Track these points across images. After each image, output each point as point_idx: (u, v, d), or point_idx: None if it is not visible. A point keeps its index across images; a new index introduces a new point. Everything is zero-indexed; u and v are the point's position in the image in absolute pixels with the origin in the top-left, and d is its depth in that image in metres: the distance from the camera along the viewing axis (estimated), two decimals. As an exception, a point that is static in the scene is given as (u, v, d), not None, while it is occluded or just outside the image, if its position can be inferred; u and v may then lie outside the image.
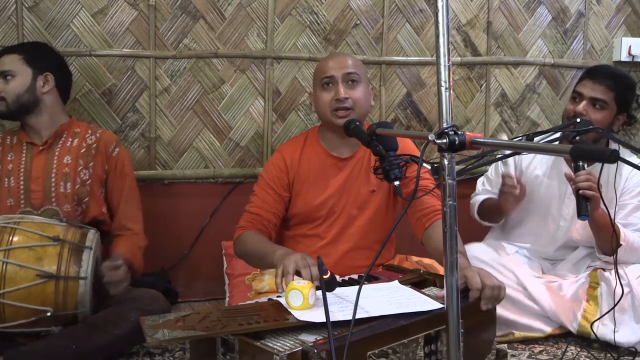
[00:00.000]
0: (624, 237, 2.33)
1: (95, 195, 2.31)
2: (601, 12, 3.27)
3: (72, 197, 2.25)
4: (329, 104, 2.10)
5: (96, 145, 2.34)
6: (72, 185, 2.26)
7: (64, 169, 2.27)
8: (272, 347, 1.36)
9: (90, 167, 2.31)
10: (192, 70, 2.78)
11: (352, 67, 2.12)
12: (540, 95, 3.23)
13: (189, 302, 2.86)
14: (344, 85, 2.09)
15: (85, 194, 2.28)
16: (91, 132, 2.37)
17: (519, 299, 2.34)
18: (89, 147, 2.33)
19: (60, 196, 2.25)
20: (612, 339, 2.22)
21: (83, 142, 2.33)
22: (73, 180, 2.27)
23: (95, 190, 2.31)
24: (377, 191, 2.20)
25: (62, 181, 2.26)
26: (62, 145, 2.31)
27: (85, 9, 2.63)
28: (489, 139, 2.35)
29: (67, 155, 2.29)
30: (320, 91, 2.14)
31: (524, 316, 2.35)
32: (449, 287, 1.20)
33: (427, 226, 2.04)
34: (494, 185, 2.64)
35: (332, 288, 1.60)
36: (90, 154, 2.32)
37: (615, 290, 2.23)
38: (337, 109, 2.09)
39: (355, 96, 2.10)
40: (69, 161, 2.28)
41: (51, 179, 2.26)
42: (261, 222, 2.13)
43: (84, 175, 2.29)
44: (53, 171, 2.26)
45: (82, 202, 2.27)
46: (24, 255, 1.95)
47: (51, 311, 1.93)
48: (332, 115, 2.10)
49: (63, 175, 2.26)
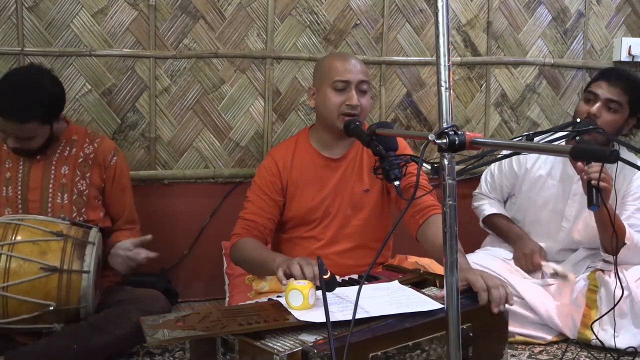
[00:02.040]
0: (629, 236, 2.32)
1: (93, 204, 2.29)
2: (601, 12, 3.27)
3: (69, 207, 2.23)
4: (339, 108, 2.10)
5: (94, 155, 2.30)
6: (69, 196, 2.24)
7: (62, 180, 2.25)
8: (272, 347, 1.36)
9: (88, 178, 2.28)
10: (192, 70, 2.78)
11: (365, 74, 2.14)
12: (540, 95, 3.23)
13: (189, 302, 2.86)
14: (356, 92, 2.09)
15: (82, 204, 2.26)
16: (89, 140, 2.32)
17: (517, 310, 2.31)
18: (87, 157, 2.29)
19: (57, 207, 2.22)
20: (612, 344, 2.21)
21: (81, 152, 2.29)
22: (70, 191, 2.24)
23: (92, 198, 2.29)
24: (371, 190, 2.20)
25: (59, 192, 2.24)
26: (59, 155, 2.27)
27: (85, 9, 2.63)
28: (489, 139, 2.35)
29: (65, 165, 2.26)
30: (331, 92, 2.11)
31: (523, 327, 2.35)
32: (449, 287, 1.20)
33: (421, 223, 2.03)
34: (497, 183, 2.67)
35: (332, 288, 1.61)
36: (87, 164, 2.29)
37: (615, 290, 2.22)
38: (345, 114, 2.09)
39: (364, 104, 2.11)
40: (66, 171, 2.25)
41: (49, 189, 2.23)
42: (257, 229, 2.13)
43: (81, 186, 2.26)
44: (51, 182, 2.23)
45: (80, 212, 2.26)
46: (28, 249, 1.95)
47: (54, 305, 1.93)
48: (338, 119, 2.10)
49: (60, 186, 2.24)
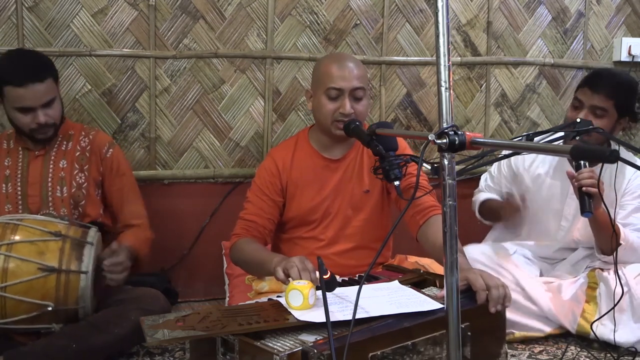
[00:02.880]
0: (624, 237, 2.33)
1: (92, 197, 2.30)
2: (601, 12, 3.27)
3: (68, 200, 2.25)
4: (332, 115, 2.09)
5: (90, 147, 2.32)
6: (68, 189, 2.26)
7: (60, 173, 2.27)
8: (272, 347, 1.36)
9: (86, 170, 2.30)
10: (192, 70, 2.78)
11: (360, 80, 2.09)
12: (540, 95, 3.23)
13: (189, 302, 2.85)
14: (350, 100, 2.07)
15: (81, 197, 2.27)
16: (84, 133, 2.35)
17: (518, 299, 2.33)
18: (83, 150, 2.32)
19: (57, 200, 2.24)
20: (611, 338, 2.23)
21: (77, 145, 2.32)
22: (69, 184, 2.26)
23: (92, 192, 2.30)
24: (371, 191, 2.20)
25: (58, 185, 2.25)
26: (57, 149, 2.30)
27: (85, 9, 2.63)
28: (489, 139, 2.35)
29: (63, 159, 2.28)
30: (325, 99, 2.10)
31: (523, 316, 2.35)
32: (449, 287, 1.20)
33: (422, 223, 2.03)
34: (497, 183, 2.67)
35: (332, 288, 1.61)
36: (84, 156, 2.31)
37: (615, 290, 2.23)
38: (339, 121, 2.08)
39: (359, 110, 2.09)
40: (64, 165, 2.27)
41: (48, 183, 2.25)
42: (256, 229, 2.13)
43: (79, 179, 2.28)
44: (49, 176, 2.26)
45: (78, 205, 2.27)
46: (26, 249, 1.95)
47: (52, 306, 1.93)
48: (332, 125, 2.10)
49: (59, 180, 2.26)
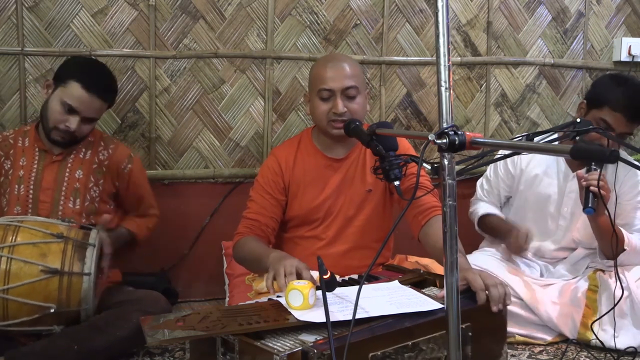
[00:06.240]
0: (628, 242, 2.34)
1: (102, 209, 2.30)
2: (601, 12, 3.27)
3: (80, 213, 2.24)
4: (326, 115, 2.10)
5: (108, 162, 2.31)
6: (81, 202, 2.25)
7: (75, 184, 2.24)
8: (272, 347, 1.36)
9: (100, 185, 2.29)
10: (192, 70, 2.78)
11: (351, 79, 2.08)
12: (540, 95, 3.23)
13: (189, 302, 2.85)
14: (342, 99, 2.07)
15: (93, 211, 2.27)
16: (104, 145, 2.32)
17: (517, 312, 2.31)
18: (101, 163, 2.30)
19: (68, 212, 2.22)
20: (612, 344, 2.22)
21: (95, 157, 2.29)
22: (83, 197, 2.25)
23: (103, 204, 2.31)
24: (374, 191, 2.20)
25: (71, 196, 2.24)
26: (75, 156, 2.27)
27: (85, 9, 2.63)
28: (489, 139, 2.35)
29: (79, 170, 2.26)
30: (318, 101, 2.11)
31: (523, 328, 2.35)
32: (449, 287, 1.20)
33: (424, 223, 2.03)
34: (494, 186, 2.65)
35: (332, 288, 1.60)
36: (101, 170, 2.30)
37: (615, 291, 2.23)
38: (333, 121, 2.08)
39: (353, 109, 2.08)
40: (80, 176, 2.25)
41: (61, 192, 2.23)
42: (259, 228, 2.13)
43: (93, 193, 2.27)
44: (64, 184, 2.23)
45: (89, 217, 2.26)
46: (28, 251, 1.95)
47: (54, 308, 1.93)
48: (328, 126, 2.11)
49: (73, 191, 2.24)
